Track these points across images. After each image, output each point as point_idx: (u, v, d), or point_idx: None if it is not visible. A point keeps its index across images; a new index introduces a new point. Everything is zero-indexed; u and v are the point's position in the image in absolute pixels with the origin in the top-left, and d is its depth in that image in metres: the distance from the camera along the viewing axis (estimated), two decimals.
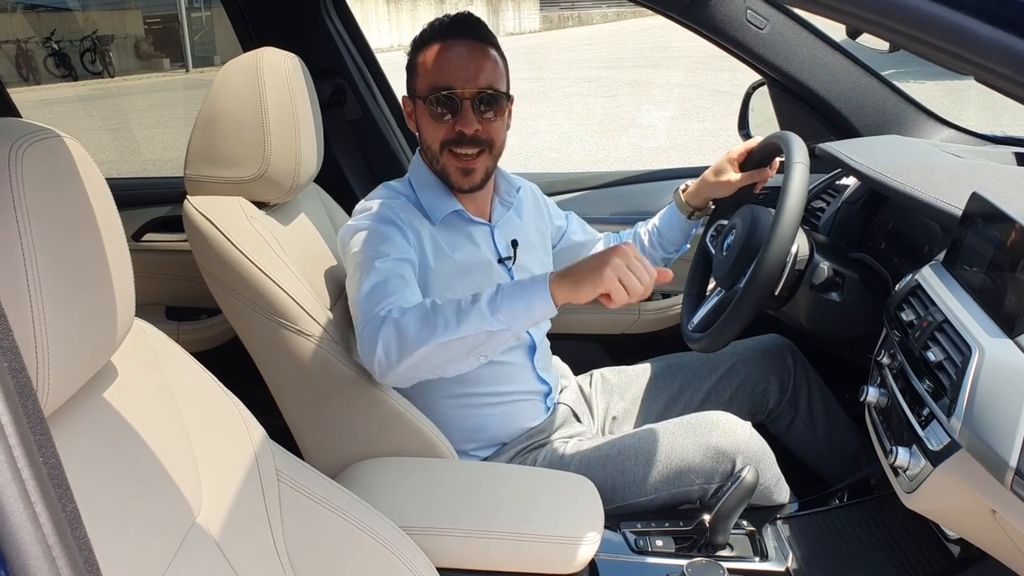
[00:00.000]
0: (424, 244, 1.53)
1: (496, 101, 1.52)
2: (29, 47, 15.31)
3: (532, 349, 1.65)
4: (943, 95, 8.24)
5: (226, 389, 1.11)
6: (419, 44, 1.56)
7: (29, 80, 15.15)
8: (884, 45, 1.59)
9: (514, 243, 1.66)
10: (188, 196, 1.50)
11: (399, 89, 2.47)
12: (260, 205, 1.55)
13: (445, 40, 1.51)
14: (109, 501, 0.84)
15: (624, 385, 1.86)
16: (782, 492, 1.54)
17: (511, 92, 1.57)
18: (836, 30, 1.97)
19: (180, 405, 1.02)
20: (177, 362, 1.06)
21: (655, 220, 1.90)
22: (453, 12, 1.57)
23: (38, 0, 15.97)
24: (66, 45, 15.74)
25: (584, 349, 2.24)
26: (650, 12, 1.93)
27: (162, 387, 1.01)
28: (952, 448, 1.07)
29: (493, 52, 1.54)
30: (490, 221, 1.65)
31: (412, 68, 1.57)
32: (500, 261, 1.62)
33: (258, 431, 1.11)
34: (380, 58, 2.43)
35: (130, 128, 10.79)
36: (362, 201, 1.59)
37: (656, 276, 1.26)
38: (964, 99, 8.64)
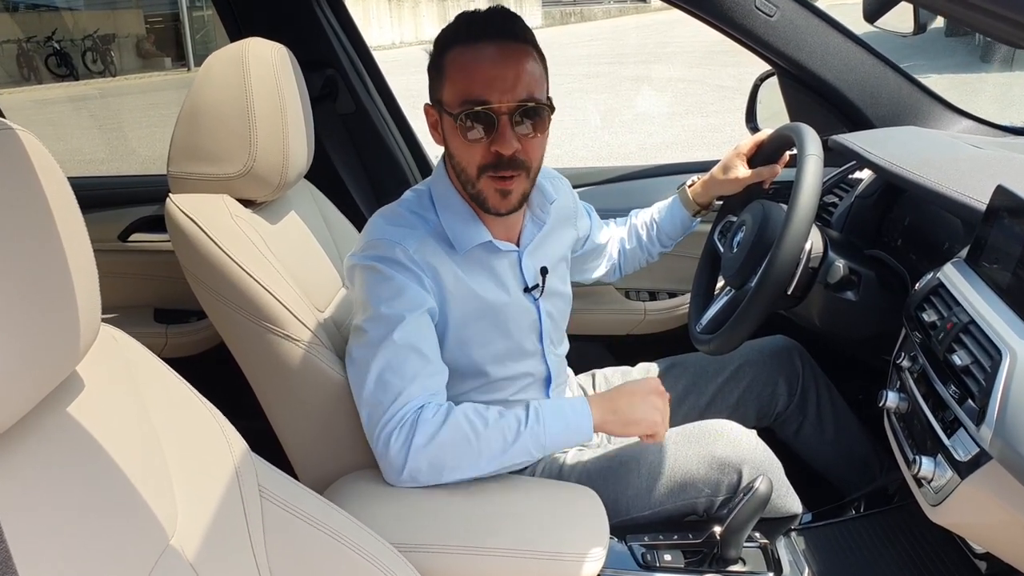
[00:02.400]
0: (444, 283, 1.37)
1: (537, 114, 1.30)
2: (30, 47, 15.30)
3: (548, 381, 1.56)
4: (949, 88, 8.17)
5: (204, 399, 1.04)
6: (444, 44, 1.33)
7: (30, 80, 15.15)
8: (906, 28, 1.52)
9: (543, 270, 1.50)
10: (171, 194, 1.43)
11: (395, 85, 2.42)
12: (247, 203, 1.48)
13: (476, 42, 1.28)
14: (71, 525, 0.77)
15: None
16: (792, 502, 1.47)
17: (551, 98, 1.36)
18: (846, 19, 1.91)
19: (153, 417, 0.96)
20: (151, 371, 0.99)
21: (654, 213, 1.83)
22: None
23: (39, 0, 15.97)
24: (67, 45, 15.74)
25: (588, 350, 2.18)
26: (652, 7, 1.87)
27: (133, 398, 0.95)
28: (982, 459, 1.01)
29: (532, 52, 1.32)
30: (519, 245, 1.47)
31: (437, 73, 1.34)
32: (526, 290, 1.48)
33: (239, 444, 1.04)
34: (381, 56, 2.36)
35: (131, 126, 10.77)
36: (378, 220, 1.40)
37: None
38: (971, 92, 8.59)
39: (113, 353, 0.96)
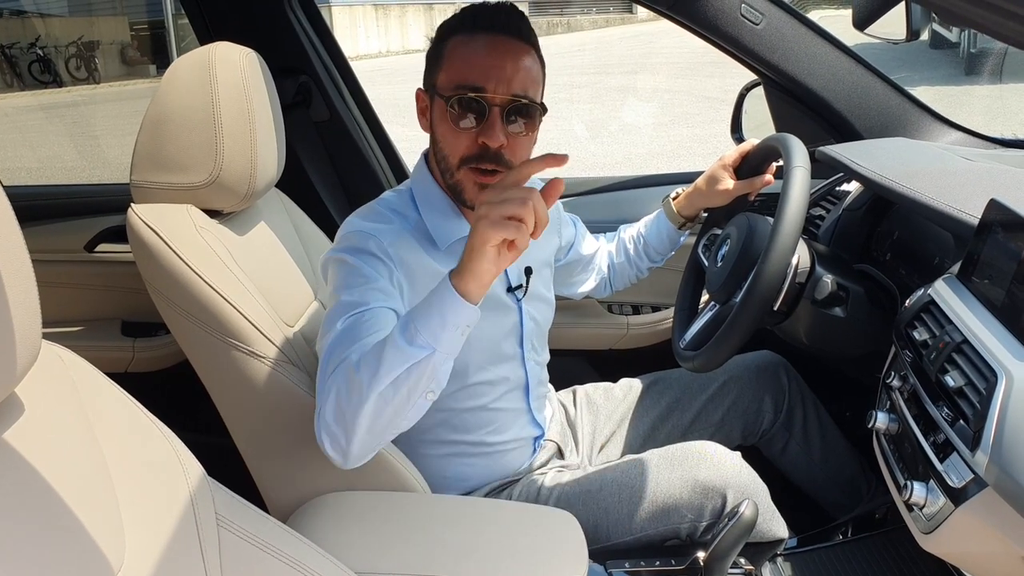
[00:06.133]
0: (416, 280, 1.32)
1: (529, 113, 1.29)
2: (13, 53, 15.20)
3: (526, 389, 1.51)
4: (935, 100, 8.17)
5: (159, 422, 0.98)
6: (448, 31, 1.32)
7: (13, 86, 15.03)
8: (897, 36, 1.49)
9: (527, 271, 1.46)
10: (133, 204, 1.37)
11: (381, 94, 2.37)
12: (213, 214, 1.42)
13: (479, 32, 1.28)
14: (6, 560, 0.72)
15: (611, 407, 1.74)
16: (778, 526, 1.42)
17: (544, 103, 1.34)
18: (834, 29, 1.87)
19: (102, 442, 0.90)
20: (100, 392, 0.93)
21: (640, 228, 1.79)
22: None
23: (22, 6, 15.88)
24: (51, 51, 15.62)
25: (569, 365, 2.13)
26: (638, 18, 1.83)
27: (80, 422, 0.89)
28: (976, 486, 0.97)
29: (533, 52, 1.32)
30: None
31: (435, 58, 1.34)
32: (509, 290, 1.44)
33: (196, 469, 0.99)
34: (367, 64, 2.32)
35: (112, 133, 10.68)
36: (353, 219, 1.36)
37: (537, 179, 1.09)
38: (957, 104, 8.60)
39: (58, 373, 0.90)
